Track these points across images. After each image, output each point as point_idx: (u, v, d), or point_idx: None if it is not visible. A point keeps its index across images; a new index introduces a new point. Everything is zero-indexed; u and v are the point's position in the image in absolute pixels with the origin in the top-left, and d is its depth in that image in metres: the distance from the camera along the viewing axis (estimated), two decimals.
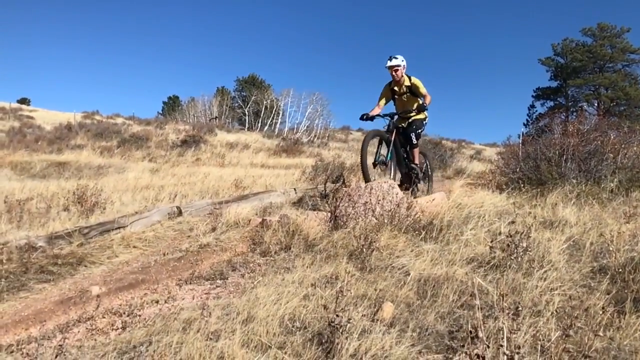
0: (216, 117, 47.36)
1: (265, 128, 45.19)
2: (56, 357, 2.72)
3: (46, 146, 21.76)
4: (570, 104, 43.42)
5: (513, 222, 4.40)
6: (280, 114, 46.70)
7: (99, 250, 5.77)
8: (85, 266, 5.38)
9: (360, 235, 4.48)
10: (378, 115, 7.06)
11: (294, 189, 9.32)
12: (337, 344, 2.69)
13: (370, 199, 5.37)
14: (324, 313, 3.07)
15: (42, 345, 3.18)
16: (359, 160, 6.41)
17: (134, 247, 6.01)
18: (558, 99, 45.25)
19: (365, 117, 6.99)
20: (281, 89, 55.61)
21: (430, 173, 8.05)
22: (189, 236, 6.42)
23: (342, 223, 5.32)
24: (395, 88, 7.16)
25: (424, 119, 7.27)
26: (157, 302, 4.06)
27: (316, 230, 5.38)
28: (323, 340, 2.77)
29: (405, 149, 7.26)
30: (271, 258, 5.01)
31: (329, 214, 5.67)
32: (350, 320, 2.85)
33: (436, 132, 51.21)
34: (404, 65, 6.95)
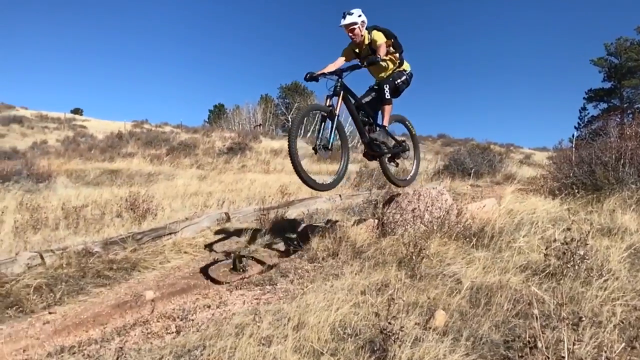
0: (260, 124, 47.99)
1: (308, 134, 45.52)
2: (117, 359, 2.80)
3: (99, 154, 22.56)
4: (625, 105, 41.78)
5: (569, 229, 4.25)
6: None
7: (152, 256, 5.93)
8: (139, 271, 5.54)
9: (409, 243, 4.44)
10: (323, 74, 5.33)
11: (339, 195, 9.33)
12: (390, 352, 2.67)
13: (419, 206, 5.32)
14: (376, 320, 3.05)
15: (103, 347, 3.29)
16: (287, 151, 4.80)
17: (185, 252, 6.15)
18: (612, 100, 43.58)
19: (308, 76, 5.37)
20: (323, 95, 55.83)
21: (416, 149, 6.69)
22: (237, 242, 6.52)
23: (389, 230, 5.28)
24: (357, 50, 5.73)
25: (405, 70, 5.90)
26: (209, 307, 4.13)
27: (363, 237, 5.36)
28: (375, 348, 2.75)
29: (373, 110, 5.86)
30: (319, 264, 5.02)
31: (376, 221, 5.63)
32: (403, 328, 2.82)
33: (484, 137, 50.17)
34: (362, 22, 5.49)
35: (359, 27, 5.47)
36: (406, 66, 5.91)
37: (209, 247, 6.33)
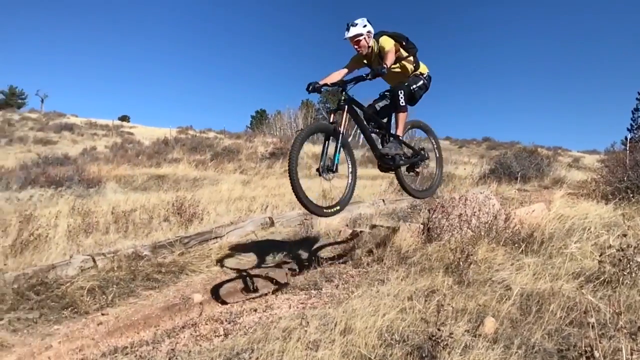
0: (302, 129, 48.26)
1: (350, 139, 45.44)
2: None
3: (146, 160, 23.16)
4: None
5: (624, 235, 4.10)
6: None
7: (199, 259, 6.04)
8: (187, 274, 5.65)
9: (456, 248, 4.37)
10: (326, 85, 4.97)
11: (382, 200, 9.28)
12: (439, 358, 2.63)
13: (465, 211, 5.23)
14: (424, 327, 3.02)
15: (154, 348, 3.37)
16: (287, 173, 4.39)
17: (231, 256, 6.23)
18: None
19: (311, 87, 4.97)
20: (365, 99, 55.66)
21: (439, 157, 6.16)
22: (249, 259, 6.56)
23: (435, 235, 5.22)
24: (365, 61, 5.31)
25: (422, 74, 5.43)
26: (255, 310, 4.18)
27: (409, 242, 5.31)
28: (424, 355, 2.72)
29: (387, 117, 5.42)
30: (364, 270, 5.00)
31: (422, 226, 5.58)
32: (452, 335, 2.79)
33: (530, 139, 49.00)
34: (368, 32, 5.06)
35: (364, 38, 5.03)
36: (423, 69, 5.46)
37: (220, 262, 6.06)
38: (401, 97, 5.08)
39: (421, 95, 5.42)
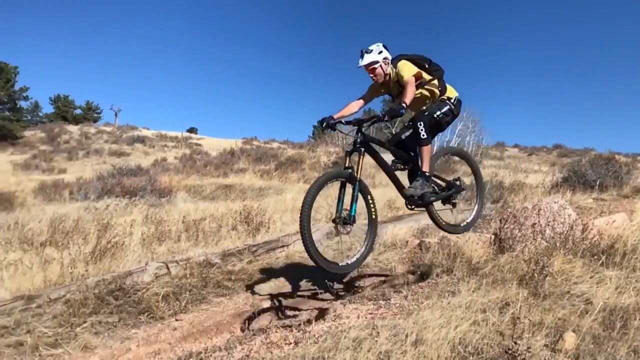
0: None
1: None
2: None
3: (213, 170, 23.88)
4: None
5: None
6: None
7: (267, 267, 6.13)
8: (255, 282, 5.75)
9: (531, 259, 4.23)
10: (340, 122, 4.73)
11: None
12: None
13: (539, 220, 5.05)
14: (499, 339, 2.93)
15: (228, 354, 3.45)
16: (299, 227, 4.02)
17: (298, 264, 6.29)
18: None
19: (325, 123, 4.74)
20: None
21: (479, 186, 5.61)
22: (347, 256, 6.56)
23: (507, 246, 5.07)
24: (383, 90, 4.95)
25: (449, 98, 4.89)
26: (324, 319, 4.19)
27: (479, 253, 5.19)
28: None
29: (408, 153, 4.91)
30: (433, 281, 4.92)
31: (492, 236, 5.43)
32: (530, 349, 2.69)
33: (605, 146, 46.62)
34: (385, 59, 4.67)
35: (380, 65, 4.64)
36: (450, 92, 4.92)
37: (251, 288, 5.49)
38: (421, 130, 4.57)
39: (448, 122, 4.88)
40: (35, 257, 6.67)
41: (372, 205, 4.48)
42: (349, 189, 4.29)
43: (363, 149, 4.40)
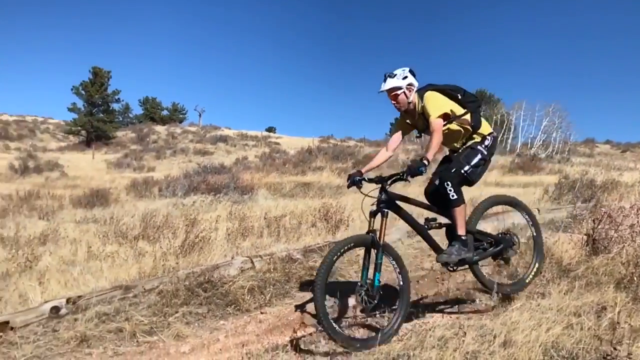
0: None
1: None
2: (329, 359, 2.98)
3: (292, 169, 24.29)
4: None
5: None
6: (512, 129, 44.23)
7: (347, 265, 6.16)
8: (336, 279, 5.79)
9: (629, 262, 3.99)
10: (364, 179, 4.22)
11: (537, 209, 8.73)
12: None
13: (638, 221, 4.74)
14: (596, 344, 2.79)
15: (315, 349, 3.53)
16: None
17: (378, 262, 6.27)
18: None
19: (350, 181, 4.29)
20: (512, 102, 52.73)
21: (537, 240, 4.58)
22: (429, 255, 6.46)
23: (602, 247, 4.81)
24: (408, 121, 4.37)
25: (484, 137, 4.26)
26: (408, 317, 4.16)
27: (570, 254, 4.96)
28: None
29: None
30: None
31: (585, 237, 5.16)
32: (630, 356, 2.54)
33: None
34: (409, 85, 4.12)
35: (404, 92, 4.10)
36: (485, 128, 4.26)
37: (301, 309, 4.75)
38: (450, 191, 3.98)
39: (482, 171, 4.21)
40: (130, 250, 7.09)
41: (398, 270, 3.93)
42: (373, 255, 3.82)
43: (386, 210, 3.91)
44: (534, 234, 4.57)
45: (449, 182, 3.99)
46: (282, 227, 8.81)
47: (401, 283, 3.88)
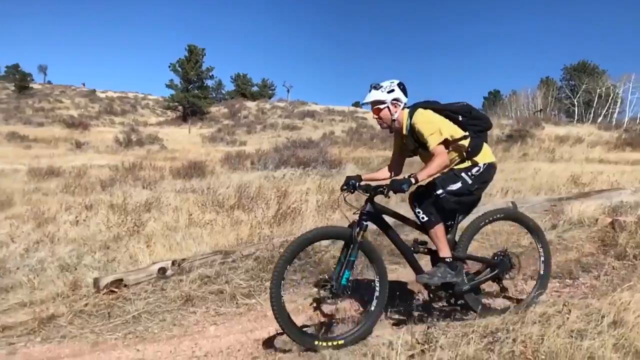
0: (540, 109, 44.82)
1: (599, 119, 40.52)
2: (427, 328, 2.99)
3: (379, 144, 24.16)
4: None
5: None
6: (619, 103, 41.12)
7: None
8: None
9: None
10: (360, 185, 3.72)
11: None
12: None
13: None
14: None
15: (411, 320, 3.54)
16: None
17: (473, 239, 6.12)
18: None
19: (345, 182, 3.82)
20: (619, 74, 48.90)
21: (545, 265, 3.99)
22: (527, 232, 6.23)
23: None
24: (404, 141, 3.80)
25: (467, 168, 3.61)
26: (505, 294, 4.07)
27: None
28: None
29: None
30: (630, 262, 4.48)
31: None
32: None
33: None
34: (394, 100, 3.59)
35: (387, 107, 3.59)
36: (483, 157, 3.63)
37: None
38: (418, 213, 3.58)
39: (464, 201, 3.63)
40: (227, 219, 7.40)
41: (378, 278, 3.54)
42: (346, 251, 3.44)
43: (366, 224, 3.48)
44: (542, 254, 3.98)
45: (416, 203, 3.61)
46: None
47: (377, 294, 3.50)
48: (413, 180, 3.27)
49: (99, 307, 4.27)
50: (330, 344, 3.28)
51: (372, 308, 3.48)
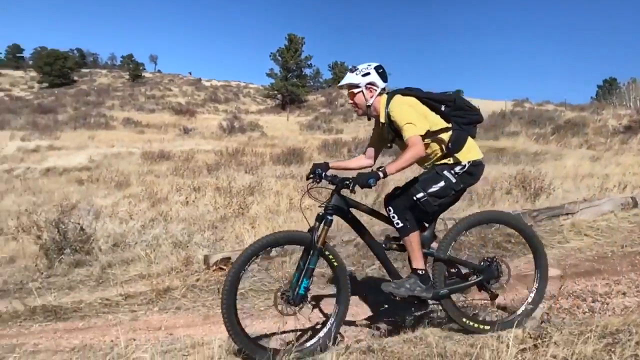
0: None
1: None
2: (541, 323, 2.86)
3: (483, 133, 23.33)
4: None
5: None
6: None
7: (549, 234, 5.80)
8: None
9: None
10: (326, 174, 3.34)
11: None
12: None
13: None
14: None
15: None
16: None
17: (585, 235, 5.78)
18: None
19: (311, 170, 3.44)
20: None
21: (538, 264, 3.51)
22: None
23: None
24: (375, 128, 3.52)
25: (450, 166, 3.21)
26: (624, 293, 3.82)
27: None
28: None
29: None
30: None
31: None
32: None
33: None
34: (370, 84, 3.25)
35: (362, 92, 3.27)
36: (466, 154, 3.23)
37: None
38: (393, 218, 3.18)
39: (446, 202, 3.27)
40: None
41: (340, 278, 3.26)
42: (305, 257, 3.15)
43: (331, 218, 3.16)
44: (535, 263, 3.53)
45: (391, 207, 3.19)
46: (474, 192, 8.56)
47: (336, 309, 3.23)
48: (381, 174, 2.96)
49: (209, 282, 4.51)
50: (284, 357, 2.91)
51: (331, 321, 3.22)
